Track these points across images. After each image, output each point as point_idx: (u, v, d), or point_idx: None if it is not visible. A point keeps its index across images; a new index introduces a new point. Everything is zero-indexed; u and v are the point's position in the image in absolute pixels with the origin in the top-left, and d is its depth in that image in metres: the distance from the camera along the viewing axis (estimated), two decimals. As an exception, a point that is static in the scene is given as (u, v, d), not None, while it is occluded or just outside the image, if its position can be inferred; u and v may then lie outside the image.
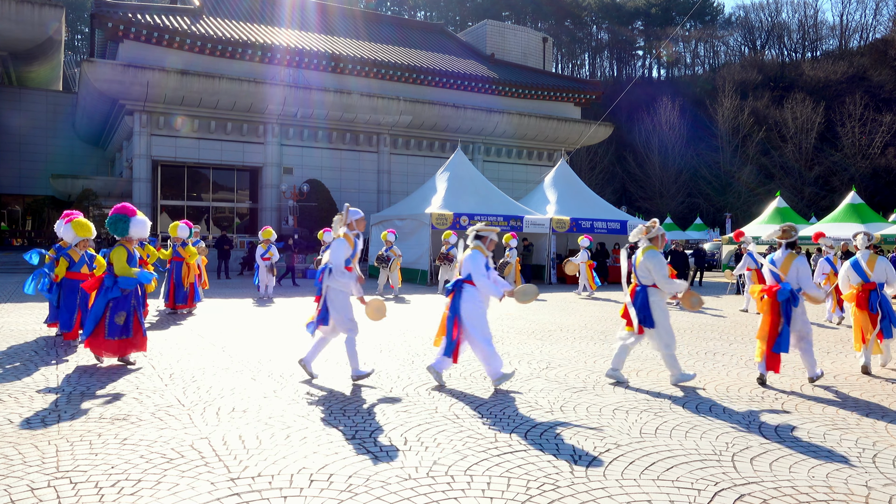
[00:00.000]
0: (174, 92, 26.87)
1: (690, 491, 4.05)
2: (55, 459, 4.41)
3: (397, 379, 7.10)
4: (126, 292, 7.45)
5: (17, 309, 12.95)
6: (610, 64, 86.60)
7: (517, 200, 26.44)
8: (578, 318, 13.10)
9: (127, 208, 7.67)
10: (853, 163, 52.95)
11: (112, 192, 29.95)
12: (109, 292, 7.41)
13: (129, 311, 7.48)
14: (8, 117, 35.36)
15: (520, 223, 23.34)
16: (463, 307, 6.64)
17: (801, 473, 4.38)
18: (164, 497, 3.83)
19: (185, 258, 12.77)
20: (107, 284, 7.47)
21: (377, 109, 30.85)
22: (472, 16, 74.41)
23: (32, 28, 29.54)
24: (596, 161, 56.92)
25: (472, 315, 6.65)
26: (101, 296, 7.47)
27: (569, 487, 4.07)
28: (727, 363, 8.33)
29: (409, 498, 3.87)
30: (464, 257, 6.88)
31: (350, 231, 6.89)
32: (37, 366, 7.49)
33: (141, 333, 7.64)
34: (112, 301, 7.40)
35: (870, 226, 24.17)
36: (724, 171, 54.46)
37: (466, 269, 6.74)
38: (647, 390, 6.72)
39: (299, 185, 29.39)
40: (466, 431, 5.18)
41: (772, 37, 79.48)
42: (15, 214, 38.80)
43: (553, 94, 36.48)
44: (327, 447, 4.75)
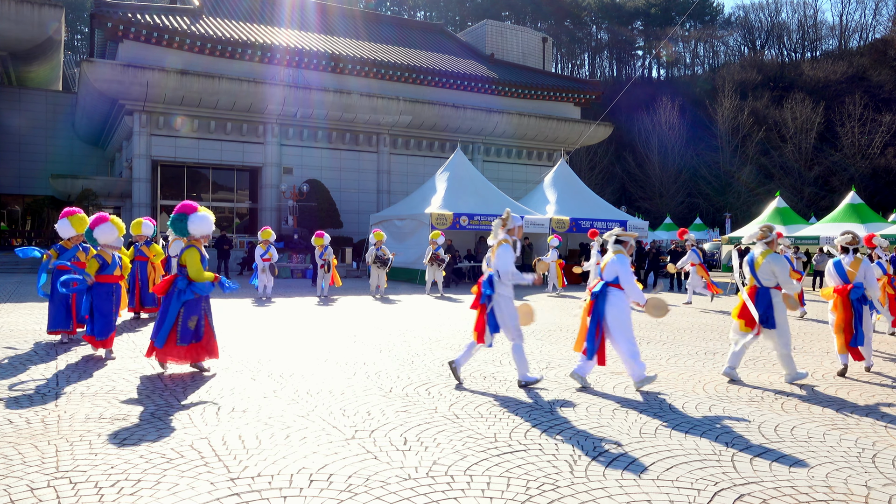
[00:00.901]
0: (174, 92, 26.87)
1: (690, 491, 4.05)
2: (55, 459, 4.41)
3: (397, 379, 7.10)
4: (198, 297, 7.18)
5: (17, 309, 12.95)
6: (610, 64, 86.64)
7: (517, 200, 26.45)
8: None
9: (187, 206, 7.37)
10: (853, 163, 52.97)
11: (112, 192, 29.95)
12: (183, 295, 7.09)
13: (200, 314, 7.22)
14: (8, 117, 35.36)
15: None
16: (609, 311, 6.71)
17: (801, 473, 4.39)
18: (164, 497, 3.83)
19: (149, 258, 11.91)
20: (180, 287, 7.12)
21: (377, 109, 30.85)
22: (472, 16, 74.43)
23: (32, 28, 29.52)
24: (595, 161, 56.94)
25: (619, 318, 6.72)
26: (174, 299, 7.10)
27: (569, 487, 4.08)
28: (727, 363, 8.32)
29: (409, 498, 3.87)
30: (608, 261, 6.95)
31: (510, 237, 6.90)
32: (37, 366, 7.49)
33: (213, 338, 7.34)
34: (185, 305, 7.11)
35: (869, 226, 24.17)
36: (724, 171, 54.48)
37: (612, 273, 6.83)
38: (647, 390, 6.72)
39: (299, 185, 29.38)
40: (466, 431, 5.19)
41: (771, 37, 79.51)
42: (15, 214, 38.78)
43: (553, 94, 36.48)
44: (327, 447, 4.75)
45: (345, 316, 12.94)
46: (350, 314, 13.25)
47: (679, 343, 10.02)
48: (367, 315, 13.17)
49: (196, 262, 7.12)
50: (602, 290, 6.78)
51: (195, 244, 7.30)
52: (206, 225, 7.32)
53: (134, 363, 7.76)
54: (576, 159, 51.45)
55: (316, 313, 13.34)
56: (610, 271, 6.84)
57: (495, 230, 6.95)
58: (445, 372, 7.47)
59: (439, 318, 12.84)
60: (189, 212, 7.30)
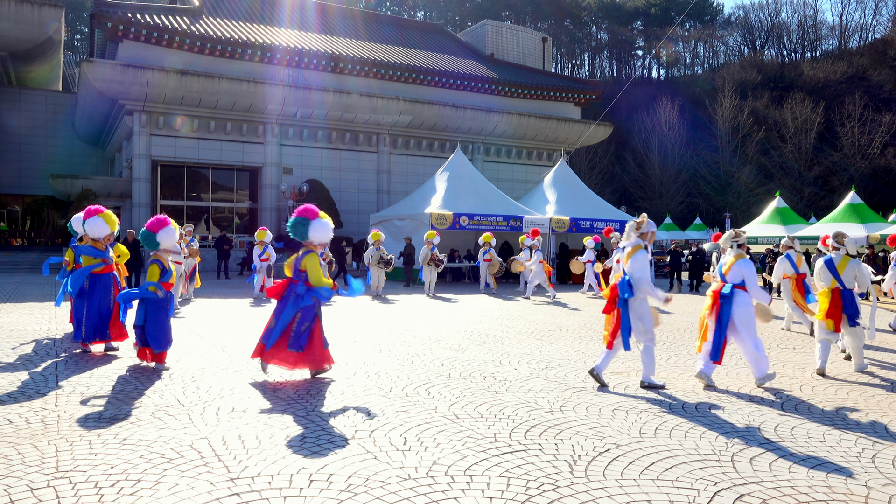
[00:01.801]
0: (174, 92, 26.87)
1: (690, 491, 4.05)
2: (55, 459, 4.41)
3: (397, 379, 7.10)
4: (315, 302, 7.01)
5: (17, 309, 12.95)
6: (609, 64, 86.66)
7: (517, 200, 26.44)
8: (578, 318, 13.10)
9: (309, 211, 7.15)
10: (853, 163, 52.98)
11: (112, 192, 29.95)
12: (301, 301, 6.88)
13: (312, 321, 6.97)
14: (7, 117, 35.37)
15: (519, 223, 23.34)
16: (736, 311, 6.94)
17: (801, 473, 4.39)
18: (164, 497, 3.83)
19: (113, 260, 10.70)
20: (298, 292, 6.90)
21: (377, 109, 30.85)
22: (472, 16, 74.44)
23: (32, 28, 29.53)
24: (595, 161, 56.94)
25: (745, 319, 6.95)
26: (290, 304, 6.90)
27: (568, 487, 4.08)
28: (727, 363, 8.32)
29: (409, 498, 3.87)
30: (732, 264, 7.13)
31: (643, 241, 7.01)
32: (37, 366, 7.49)
33: (325, 345, 7.12)
34: (301, 310, 6.90)
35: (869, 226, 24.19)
36: (724, 171, 54.50)
37: (738, 276, 7.04)
38: (647, 390, 6.72)
39: (299, 184, 29.39)
40: (466, 431, 5.19)
41: (771, 37, 79.52)
42: (14, 214, 38.79)
43: (552, 94, 36.48)
44: (327, 447, 4.75)
45: (345, 316, 12.94)
46: (350, 314, 13.25)
47: (679, 343, 10.02)
48: (367, 315, 13.17)
49: (317, 268, 6.95)
50: (730, 292, 7.00)
51: (314, 249, 7.10)
52: (326, 232, 7.13)
53: (133, 363, 7.75)
54: (576, 159, 51.44)
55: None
56: (735, 274, 7.05)
57: (628, 233, 7.03)
58: (445, 372, 7.48)
59: (439, 318, 12.84)
60: (311, 217, 7.10)
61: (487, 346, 9.45)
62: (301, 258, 7.04)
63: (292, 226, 7.12)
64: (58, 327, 10.54)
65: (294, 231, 7.10)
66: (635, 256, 6.80)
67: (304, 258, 6.99)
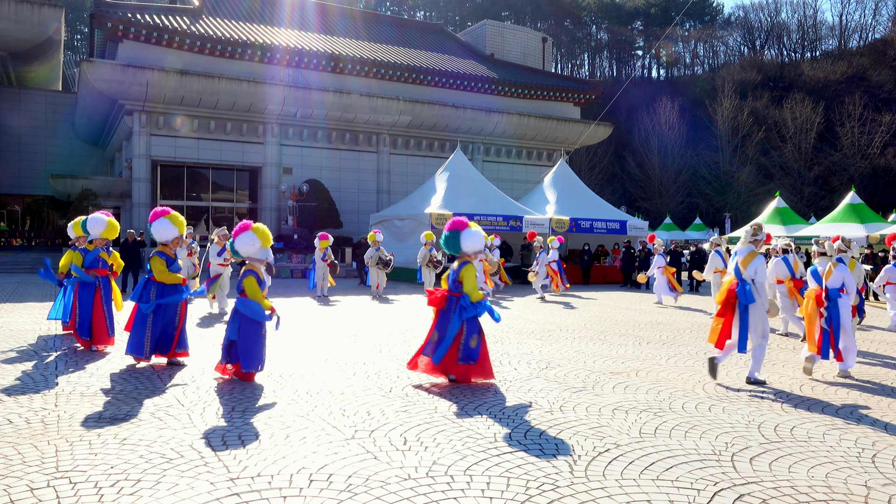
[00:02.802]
0: (174, 92, 26.86)
1: (690, 491, 4.05)
2: (55, 459, 4.41)
3: (397, 379, 7.10)
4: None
5: (17, 309, 12.95)
6: (609, 64, 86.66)
7: (517, 200, 26.45)
8: (578, 318, 13.10)
9: (459, 222, 7.08)
10: (852, 163, 52.98)
11: (112, 192, 29.95)
12: (465, 312, 6.78)
13: (479, 332, 6.90)
14: (7, 117, 35.36)
15: (519, 223, 23.35)
16: (843, 313, 7.57)
17: (801, 473, 4.39)
18: (164, 497, 3.83)
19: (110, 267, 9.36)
20: (463, 304, 6.82)
21: (377, 109, 30.85)
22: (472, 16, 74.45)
23: (32, 28, 29.52)
24: (595, 161, 56.94)
25: (848, 318, 7.64)
26: (455, 316, 6.81)
27: (568, 487, 4.08)
28: (727, 363, 8.33)
29: (409, 498, 3.87)
30: (834, 269, 7.72)
31: (755, 247, 7.32)
32: (37, 366, 7.49)
33: (488, 359, 7.01)
34: (466, 322, 6.83)
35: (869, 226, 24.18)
36: (724, 171, 54.51)
37: (839, 281, 7.69)
38: (646, 390, 6.73)
39: (299, 185, 29.36)
40: (466, 431, 5.19)
41: (771, 37, 79.52)
42: (14, 214, 38.79)
43: (552, 94, 36.48)
44: (327, 447, 4.75)
45: (344, 316, 12.94)
46: (350, 314, 13.25)
47: (679, 343, 10.02)
48: (367, 315, 13.17)
49: (473, 279, 6.86)
50: (834, 296, 7.62)
51: (469, 260, 7.04)
52: (478, 240, 7.06)
53: (132, 363, 7.75)
54: (576, 159, 51.45)
55: (315, 313, 13.34)
56: (836, 279, 7.67)
57: (745, 238, 7.34)
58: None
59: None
60: (461, 228, 7.05)
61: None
62: (458, 270, 7.00)
63: (445, 241, 7.16)
64: (58, 327, 10.53)
65: (447, 245, 7.13)
66: (759, 261, 7.09)
67: (461, 270, 6.96)
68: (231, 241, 7.06)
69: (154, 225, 7.70)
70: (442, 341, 6.83)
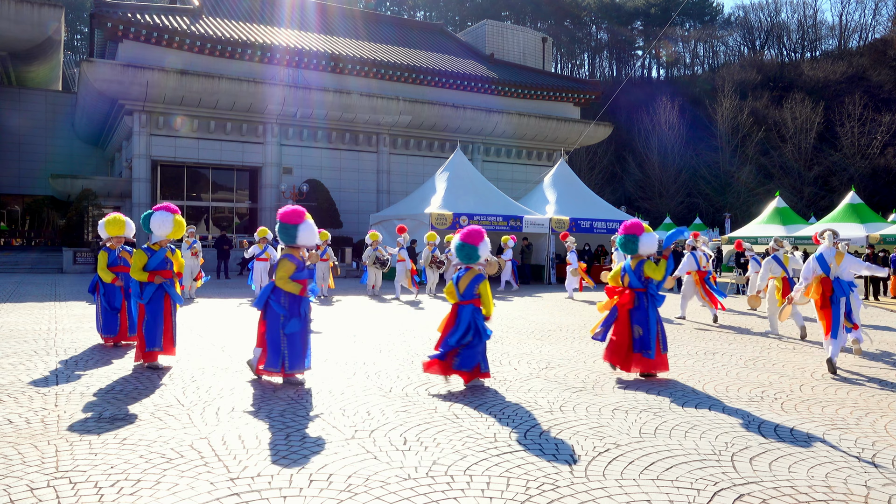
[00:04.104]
0: (173, 92, 26.86)
1: (690, 491, 4.05)
2: (55, 459, 4.41)
3: (397, 379, 7.10)
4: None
5: (17, 309, 12.95)
6: (609, 64, 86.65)
7: (517, 200, 26.44)
8: (578, 318, 13.10)
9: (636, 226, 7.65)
10: (852, 163, 52.97)
11: (112, 192, 29.96)
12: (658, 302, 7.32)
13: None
14: (7, 117, 35.36)
15: (519, 223, 23.34)
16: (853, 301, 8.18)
17: (801, 473, 4.39)
18: (164, 497, 3.83)
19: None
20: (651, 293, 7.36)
21: (377, 109, 30.85)
22: (472, 16, 74.44)
23: (32, 28, 29.53)
24: (595, 161, 56.94)
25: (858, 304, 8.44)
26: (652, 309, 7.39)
27: (568, 487, 4.08)
28: (727, 363, 8.33)
29: (409, 498, 3.87)
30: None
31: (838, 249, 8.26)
32: (37, 366, 7.48)
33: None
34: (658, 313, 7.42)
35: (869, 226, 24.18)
36: (724, 171, 54.49)
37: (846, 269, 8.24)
38: (646, 390, 6.73)
39: (299, 184, 29.38)
40: (466, 431, 5.19)
41: (771, 37, 79.52)
42: (14, 214, 38.79)
43: (552, 93, 36.48)
44: (327, 447, 4.75)
45: (344, 316, 12.94)
46: (350, 314, 13.25)
47: (679, 343, 10.02)
48: (367, 315, 13.17)
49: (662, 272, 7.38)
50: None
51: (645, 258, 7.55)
52: (654, 241, 7.61)
53: (133, 363, 7.75)
54: (576, 159, 51.45)
55: (315, 313, 13.33)
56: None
57: (829, 239, 8.27)
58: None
59: (439, 318, 12.82)
60: (639, 232, 7.56)
61: (487, 345, 9.44)
62: (641, 267, 7.46)
63: (622, 244, 7.60)
64: (58, 327, 10.54)
65: (624, 248, 7.63)
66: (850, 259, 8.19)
67: (644, 267, 7.43)
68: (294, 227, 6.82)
69: (155, 216, 7.61)
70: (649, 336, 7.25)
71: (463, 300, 6.81)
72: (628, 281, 7.52)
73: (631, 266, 7.53)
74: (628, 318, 7.38)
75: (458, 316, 6.78)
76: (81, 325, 10.86)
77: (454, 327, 6.75)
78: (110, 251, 8.94)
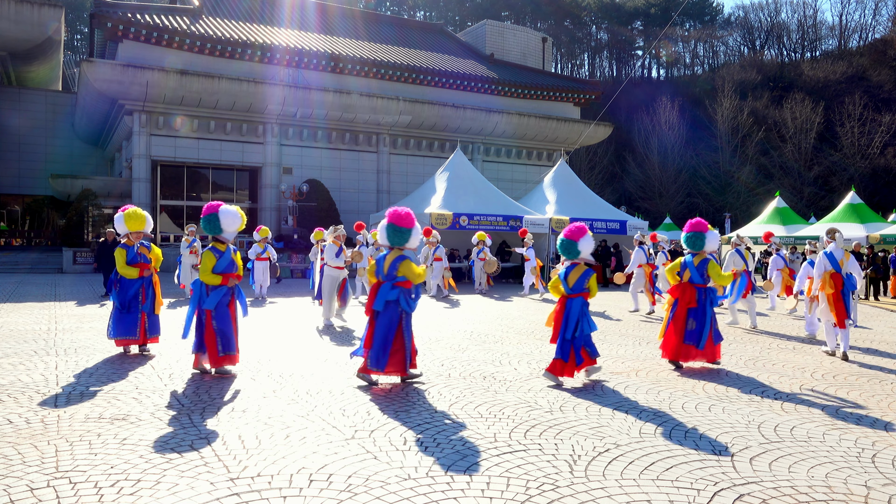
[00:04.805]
0: (173, 92, 26.86)
1: (690, 491, 4.05)
2: (55, 459, 4.41)
3: (397, 379, 7.09)
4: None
5: (17, 309, 12.95)
6: (609, 64, 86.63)
7: (517, 200, 26.44)
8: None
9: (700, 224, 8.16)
10: (852, 163, 52.97)
11: (112, 192, 29.95)
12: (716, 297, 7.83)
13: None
14: (7, 117, 35.36)
15: (519, 223, 23.34)
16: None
17: (801, 473, 4.39)
18: (164, 497, 3.83)
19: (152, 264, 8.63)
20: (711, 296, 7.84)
21: (377, 109, 30.84)
22: (472, 16, 74.41)
23: (32, 28, 29.53)
24: (595, 161, 56.93)
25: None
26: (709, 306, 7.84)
27: (568, 487, 4.08)
28: (727, 363, 8.33)
29: (409, 498, 3.87)
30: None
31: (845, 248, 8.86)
32: (37, 366, 7.48)
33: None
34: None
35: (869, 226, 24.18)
36: (724, 171, 54.49)
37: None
38: (646, 390, 6.73)
39: (299, 185, 29.38)
40: (466, 431, 5.18)
41: (771, 37, 79.50)
42: (14, 214, 38.79)
43: (552, 94, 36.48)
44: (327, 447, 4.75)
45: (344, 316, 12.92)
46: (349, 314, 13.24)
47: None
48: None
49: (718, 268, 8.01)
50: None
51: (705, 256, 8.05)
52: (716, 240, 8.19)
53: (133, 363, 7.75)
54: (576, 159, 51.45)
55: (315, 313, 13.33)
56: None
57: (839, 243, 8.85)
58: (445, 372, 7.48)
59: (439, 318, 12.84)
60: (706, 230, 8.14)
61: (487, 346, 9.45)
62: (704, 265, 7.98)
63: (689, 240, 8.13)
64: (58, 327, 10.54)
65: (692, 244, 8.12)
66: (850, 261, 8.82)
67: (708, 266, 7.97)
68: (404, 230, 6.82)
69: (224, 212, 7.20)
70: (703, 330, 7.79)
71: (572, 293, 7.09)
72: (688, 276, 7.96)
73: (693, 263, 7.99)
74: (685, 314, 7.87)
75: (568, 309, 7.06)
76: (81, 325, 10.86)
77: (564, 321, 7.05)
78: (128, 247, 8.28)
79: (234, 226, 7.28)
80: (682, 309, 7.88)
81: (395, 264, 6.76)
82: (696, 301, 7.85)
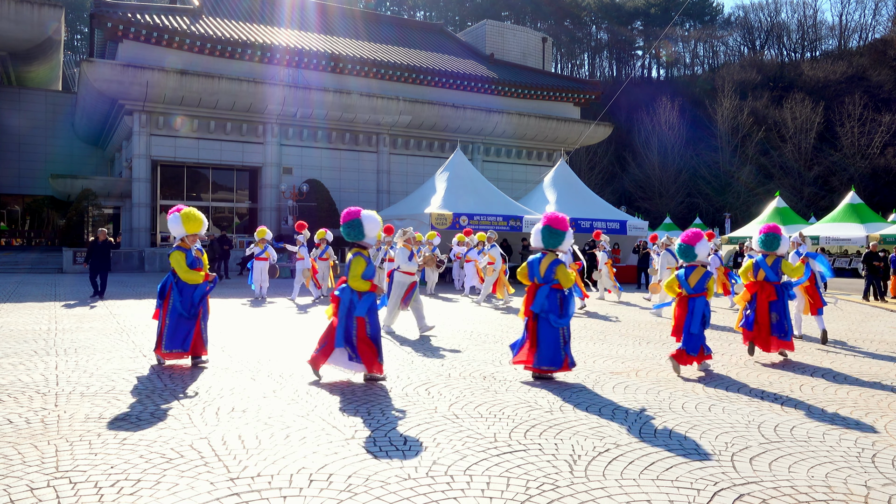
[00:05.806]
0: (173, 92, 26.87)
1: (690, 491, 4.05)
2: (55, 459, 4.41)
3: (397, 379, 7.10)
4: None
5: (17, 309, 12.95)
6: (609, 64, 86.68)
7: (517, 200, 26.45)
8: (577, 319, 13.10)
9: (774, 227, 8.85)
10: (852, 163, 53.00)
11: (112, 192, 29.96)
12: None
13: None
14: (7, 117, 35.37)
15: (519, 223, 23.34)
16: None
17: (801, 473, 4.39)
18: (164, 497, 3.83)
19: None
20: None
21: (377, 109, 30.85)
22: (472, 16, 74.45)
23: (32, 28, 29.53)
24: (595, 161, 56.96)
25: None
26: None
27: (568, 487, 4.08)
28: (726, 363, 8.33)
29: (409, 498, 3.87)
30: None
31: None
32: (37, 366, 7.48)
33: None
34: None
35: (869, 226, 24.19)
36: (724, 171, 54.53)
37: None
38: (646, 390, 6.73)
39: (299, 184, 29.38)
40: (466, 431, 5.19)
41: (771, 37, 79.54)
42: (14, 214, 38.80)
43: (552, 94, 36.48)
44: (327, 447, 4.75)
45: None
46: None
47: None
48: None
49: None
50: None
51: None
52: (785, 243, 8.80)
53: (133, 363, 7.76)
54: (576, 159, 51.46)
55: (315, 313, 13.34)
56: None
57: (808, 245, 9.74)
58: (445, 372, 7.48)
59: (439, 318, 12.84)
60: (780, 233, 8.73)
61: (487, 346, 9.45)
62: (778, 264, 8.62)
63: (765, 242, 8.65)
64: (58, 327, 10.54)
65: (769, 246, 8.65)
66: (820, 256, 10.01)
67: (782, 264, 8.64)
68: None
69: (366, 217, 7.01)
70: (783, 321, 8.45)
71: (694, 293, 7.66)
72: (763, 275, 8.65)
73: (767, 262, 8.64)
74: (767, 308, 8.49)
75: (691, 308, 7.61)
76: (81, 325, 10.86)
77: (689, 319, 7.60)
78: (186, 251, 7.64)
79: (375, 230, 7.06)
80: (763, 304, 8.54)
81: (552, 268, 7.23)
82: (777, 295, 8.55)
